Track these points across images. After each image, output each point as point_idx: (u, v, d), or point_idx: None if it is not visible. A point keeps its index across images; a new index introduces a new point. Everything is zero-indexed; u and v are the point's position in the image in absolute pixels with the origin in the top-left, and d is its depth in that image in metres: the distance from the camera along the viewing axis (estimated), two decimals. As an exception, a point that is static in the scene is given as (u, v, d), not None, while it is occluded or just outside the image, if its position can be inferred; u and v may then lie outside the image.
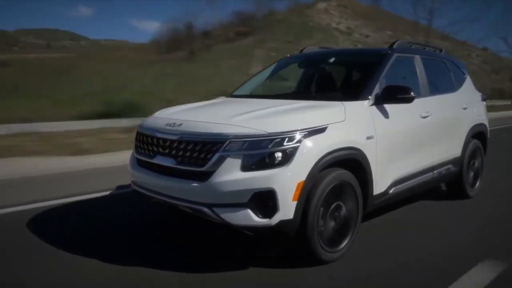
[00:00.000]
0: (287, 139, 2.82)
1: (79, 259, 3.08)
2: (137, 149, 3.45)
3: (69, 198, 4.60)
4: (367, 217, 3.77)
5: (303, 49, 4.91)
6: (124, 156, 4.78)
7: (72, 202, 4.51)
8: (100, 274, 2.87)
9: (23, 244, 3.38)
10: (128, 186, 3.83)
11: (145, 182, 3.31)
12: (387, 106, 3.56)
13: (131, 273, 2.88)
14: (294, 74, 4.71)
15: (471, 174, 4.93)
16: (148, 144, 3.29)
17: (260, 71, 4.73)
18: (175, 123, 3.15)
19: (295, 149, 2.81)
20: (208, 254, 3.27)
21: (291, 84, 4.59)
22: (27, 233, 3.58)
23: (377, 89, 3.54)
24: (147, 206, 4.12)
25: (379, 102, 3.51)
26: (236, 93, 4.49)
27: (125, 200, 4.62)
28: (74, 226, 3.82)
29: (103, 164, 6.66)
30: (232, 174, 2.76)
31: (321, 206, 2.96)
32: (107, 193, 4.88)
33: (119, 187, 5.08)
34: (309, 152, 2.86)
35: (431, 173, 4.18)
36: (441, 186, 5.06)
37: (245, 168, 2.77)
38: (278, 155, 2.79)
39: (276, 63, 4.77)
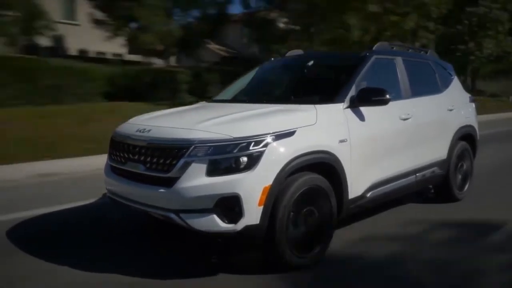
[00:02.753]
0: (253, 143, 2.79)
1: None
2: (110, 155, 3.44)
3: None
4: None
5: (286, 53, 4.89)
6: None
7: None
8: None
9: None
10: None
11: (118, 189, 3.30)
12: (363, 109, 3.51)
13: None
14: (273, 78, 4.68)
15: (459, 176, 4.84)
16: (120, 150, 3.28)
17: (244, 75, 4.71)
18: (144, 129, 3.14)
19: (261, 154, 2.78)
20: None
21: (272, 88, 4.56)
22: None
23: (352, 92, 3.50)
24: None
25: (355, 105, 3.46)
26: (217, 98, 4.48)
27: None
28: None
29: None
30: (197, 180, 2.74)
31: (291, 211, 2.92)
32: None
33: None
34: (275, 156, 2.83)
35: (414, 176, 4.11)
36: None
37: (210, 173, 2.75)
38: (244, 159, 2.76)
39: (258, 67, 4.75)
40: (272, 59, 5.09)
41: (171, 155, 2.85)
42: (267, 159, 2.79)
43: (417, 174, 4.16)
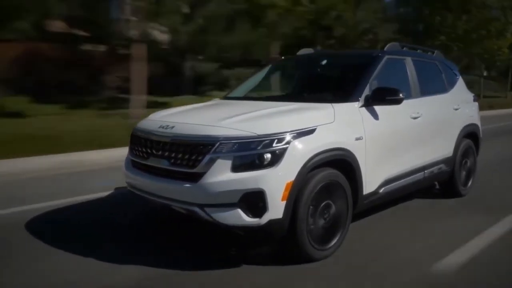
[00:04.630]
0: (276, 140, 2.89)
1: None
2: (132, 151, 3.53)
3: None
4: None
5: (298, 52, 4.99)
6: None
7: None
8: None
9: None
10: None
11: (139, 183, 3.39)
12: (377, 108, 3.63)
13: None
14: (287, 77, 4.79)
15: (463, 173, 4.99)
16: (142, 146, 3.37)
17: (255, 74, 4.81)
18: (167, 126, 3.23)
19: (284, 150, 2.89)
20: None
21: (284, 86, 4.67)
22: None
23: (367, 91, 3.62)
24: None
25: (369, 103, 3.58)
26: (230, 95, 4.57)
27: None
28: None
29: None
30: (222, 175, 2.84)
31: (310, 205, 3.03)
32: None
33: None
34: (297, 153, 2.94)
35: (422, 172, 4.25)
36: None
37: (235, 169, 2.85)
38: (267, 156, 2.87)
39: (270, 66, 4.85)
40: (283, 58, 5.18)
41: (196, 151, 2.95)
42: (290, 155, 2.90)
43: (426, 171, 4.30)
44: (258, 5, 14.33)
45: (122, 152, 4.35)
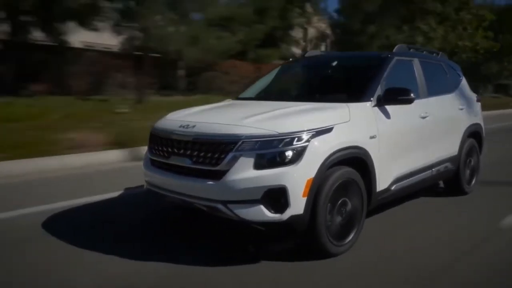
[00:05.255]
0: (296, 138, 2.99)
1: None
2: (151, 150, 3.60)
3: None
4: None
5: (305, 54, 5.10)
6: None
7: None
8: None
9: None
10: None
11: (160, 181, 3.47)
12: (388, 107, 3.74)
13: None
14: (297, 78, 4.89)
15: (468, 171, 5.13)
16: (162, 145, 3.44)
17: (265, 75, 4.91)
18: (188, 125, 3.31)
19: (304, 148, 2.99)
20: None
21: (295, 87, 4.77)
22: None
23: (378, 91, 3.73)
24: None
25: (381, 103, 3.69)
26: (242, 96, 4.67)
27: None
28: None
29: None
30: (245, 173, 2.94)
31: (328, 202, 3.13)
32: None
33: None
34: (317, 151, 3.04)
35: (430, 170, 4.37)
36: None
37: (257, 166, 2.95)
38: (289, 154, 2.96)
39: (279, 68, 4.95)
40: (291, 59, 5.29)
41: (219, 149, 3.04)
42: (310, 153, 3.00)
43: (433, 169, 4.42)
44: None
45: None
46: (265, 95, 4.50)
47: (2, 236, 3.64)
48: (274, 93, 4.53)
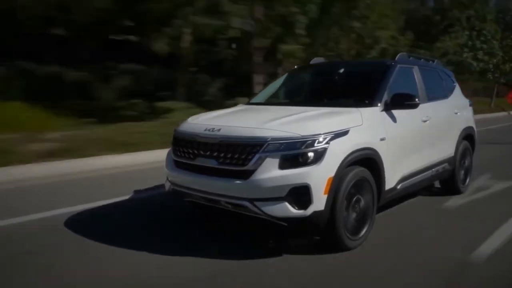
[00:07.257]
0: (317, 140, 3.25)
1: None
2: (176, 152, 3.81)
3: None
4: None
5: (310, 61, 5.38)
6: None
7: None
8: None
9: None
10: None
11: (184, 181, 3.68)
12: (394, 112, 4.04)
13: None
14: (305, 84, 5.16)
15: (462, 172, 5.47)
16: (187, 147, 3.66)
17: (273, 82, 5.17)
18: (213, 128, 3.54)
19: (325, 149, 3.25)
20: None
21: (305, 93, 5.04)
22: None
23: (385, 96, 4.02)
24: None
25: (388, 108, 3.99)
26: (253, 101, 4.91)
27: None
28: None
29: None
30: (271, 172, 3.18)
31: (345, 199, 3.40)
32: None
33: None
34: (336, 152, 3.30)
35: (431, 171, 4.69)
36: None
37: (282, 166, 3.19)
38: (311, 154, 3.22)
39: (286, 74, 5.22)
40: (296, 67, 5.56)
41: (246, 151, 3.28)
42: (330, 154, 3.26)
43: (433, 169, 4.74)
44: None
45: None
46: (275, 101, 4.76)
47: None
48: (286, 98, 4.79)
